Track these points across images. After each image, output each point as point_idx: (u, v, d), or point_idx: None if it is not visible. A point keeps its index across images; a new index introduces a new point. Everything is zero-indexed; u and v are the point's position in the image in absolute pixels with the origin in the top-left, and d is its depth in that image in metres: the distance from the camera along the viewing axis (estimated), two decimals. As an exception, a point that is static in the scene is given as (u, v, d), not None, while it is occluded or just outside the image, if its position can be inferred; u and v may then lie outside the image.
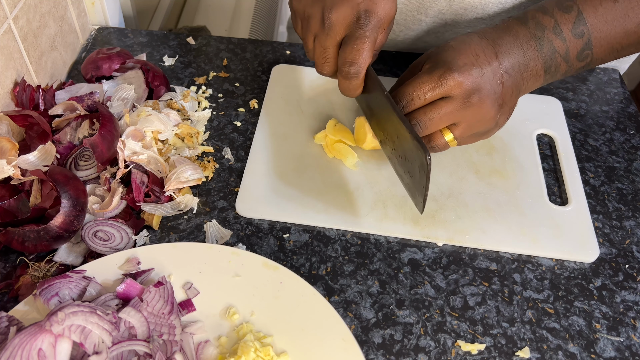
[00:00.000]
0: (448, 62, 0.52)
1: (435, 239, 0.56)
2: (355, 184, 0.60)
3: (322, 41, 0.54)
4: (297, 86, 0.70)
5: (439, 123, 0.53)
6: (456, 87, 0.51)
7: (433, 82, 0.51)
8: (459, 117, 0.53)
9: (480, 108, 0.52)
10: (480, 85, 0.52)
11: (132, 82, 0.66)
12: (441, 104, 0.52)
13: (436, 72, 0.52)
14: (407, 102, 0.52)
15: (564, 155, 0.65)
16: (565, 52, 0.55)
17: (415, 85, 0.52)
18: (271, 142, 0.64)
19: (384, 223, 0.57)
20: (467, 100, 0.52)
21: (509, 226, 0.58)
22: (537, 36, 0.54)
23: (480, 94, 0.52)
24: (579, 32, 0.54)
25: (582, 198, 0.60)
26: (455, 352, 0.49)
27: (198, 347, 0.47)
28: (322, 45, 0.54)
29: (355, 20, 0.53)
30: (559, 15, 0.55)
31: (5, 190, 0.54)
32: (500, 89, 0.53)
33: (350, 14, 0.53)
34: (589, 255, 0.56)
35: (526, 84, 0.56)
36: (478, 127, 0.54)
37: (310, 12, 0.54)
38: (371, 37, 0.52)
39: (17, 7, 0.60)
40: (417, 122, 0.53)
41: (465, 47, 0.53)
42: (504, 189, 0.61)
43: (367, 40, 0.52)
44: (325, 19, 0.53)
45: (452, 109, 0.52)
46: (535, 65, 0.55)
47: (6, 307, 0.50)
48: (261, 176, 0.61)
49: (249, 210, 0.58)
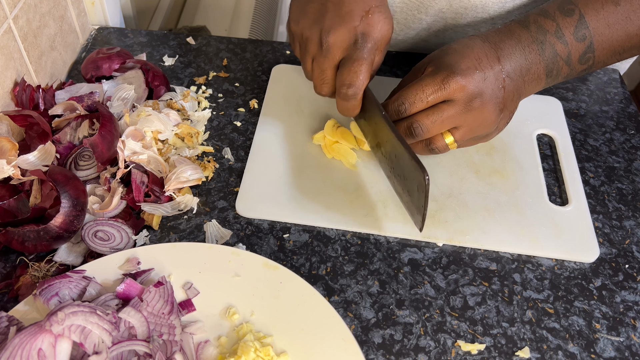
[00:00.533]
0: (451, 65, 0.52)
1: (435, 239, 0.56)
2: (355, 184, 0.60)
3: (320, 63, 0.55)
4: (297, 86, 0.70)
5: (441, 126, 0.53)
6: (459, 90, 0.51)
7: (436, 85, 0.51)
8: (461, 121, 0.53)
9: (481, 112, 0.53)
10: (483, 90, 0.52)
11: (132, 82, 0.66)
12: (443, 107, 0.52)
13: (439, 76, 0.52)
14: (409, 104, 0.52)
15: (564, 155, 0.65)
16: (567, 55, 0.55)
17: (418, 88, 0.52)
18: (271, 142, 0.64)
19: (384, 223, 0.57)
20: (469, 104, 0.52)
21: (509, 226, 0.58)
22: (539, 40, 0.54)
23: (482, 98, 0.52)
24: (580, 35, 0.54)
25: (582, 198, 0.60)
26: (455, 352, 0.49)
27: (198, 347, 0.47)
28: (320, 67, 0.55)
29: (353, 43, 0.54)
30: (560, 18, 0.55)
31: (5, 190, 0.54)
32: (502, 93, 0.53)
33: (347, 37, 0.54)
34: (589, 256, 0.56)
35: (527, 87, 0.56)
36: (479, 131, 0.55)
37: (308, 34, 0.55)
38: (368, 59, 0.53)
39: (17, 7, 0.60)
40: (419, 125, 0.53)
41: (468, 50, 0.53)
42: (504, 189, 0.61)
43: (364, 62, 0.53)
44: (323, 42, 0.54)
45: (454, 113, 0.52)
46: (537, 69, 0.55)
47: (6, 307, 0.50)
48: (261, 176, 0.61)
49: (249, 210, 0.58)
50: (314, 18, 0.55)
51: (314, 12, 0.55)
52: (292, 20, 0.58)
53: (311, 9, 0.55)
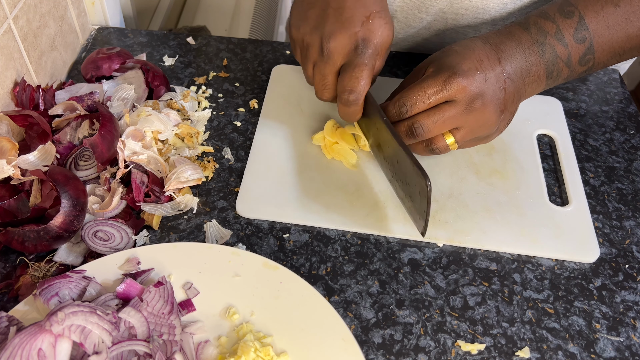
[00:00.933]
0: (453, 66, 0.52)
1: (435, 239, 0.56)
2: (355, 184, 0.60)
3: (321, 69, 0.55)
4: (297, 86, 0.70)
5: (442, 127, 0.53)
6: (460, 91, 0.51)
7: (437, 85, 0.52)
8: (462, 122, 0.53)
9: (483, 113, 0.53)
10: (484, 91, 0.52)
11: (132, 82, 0.66)
12: (444, 107, 0.52)
13: (441, 76, 0.52)
14: (410, 105, 0.53)
15: (564, 155, 0.65)
16: (567, 57, 0.55)
17: (420, 88, 0.52)
18: (271, 143, 0.64)
19: (385, 223, 0.57)
20: (470, 105, 0.52)
21: (510, 226, 0.58)
22: (539, 42, 0.54)
23: (483, 99, 0.52)
24: (580, 37, 0.54)
25: (583, 198, 0.60)
26: (455, 352, 0.49)
27: (198, 347, 0.47)
28: (321, 73, 0.56)
29: (354, 49, 0.54)
30: (560, 20, 0.55)
31: (5, 190, 0.54)
32: (503, 95, 0.53)
33: (348, 43, 0.54)
34: (590, 256, 0.56)
35: (528, 89, 0.56)
36: (479, 132, 0.55)
37: (309, 40, 0.55)
38: (369, 64, 0.54)
39: (17, 7, 0.60)
40: (420, 125, 0.53)
41: (469, 52, 0.53)
42: (504, 189, 0.61)
43: (365, 67, 0.53)
44: (324, 48, 0.54)
45: (455, 113, 0.52)
46: (537, 70, 0.55)
47: (6, 307, 0.50)
48: (261, 176, 0.61)
49: (249, 211, 0.58)
50: (315, 24, 0.55)
51: (314, 17, 0.55)
52: (293, 25, 0.58)
53: (312, 14, 0.56)
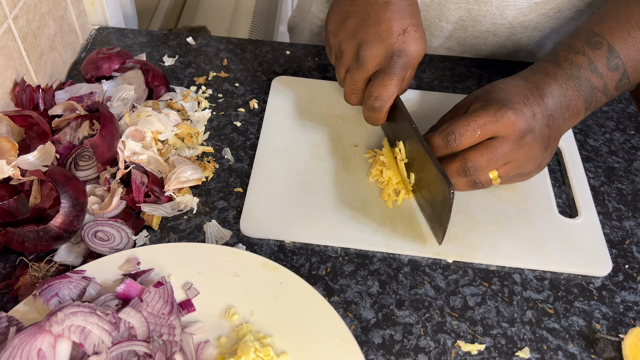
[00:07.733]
0: (502, 100, 0.52)
1: (446, 255, 0.55)
2: (361, 199, 0.59)
3: (353, 75, 0.57)
4: (298, 99, 0.69)
5: (495, 164, 0.53)
6: (510, 125, 0.51)
7: (489, 116, 0.51)
8: (512, 157, 0.53)
9: (532, 148, 0.53)
10: (533, 126, 0.52)
11: (132, 82, 0.66)
12: (495, 144, 0.52)
13: (491, 108, 0.52)
14: (459, 134, 0.52)
15: (571, 164, 0.64)
16: (604, 86, 0.56)
17: (471, 119, 0.52)
18: (274, 158, 0.63)
19: (393, 241, 0.56)
20: (521, 140, 0.52)
21: (519, 240, 0.56)
22: (574, 76, 0.55)
23: (533, 134, 0.52)
24: (614, 65, 0.55)
25: (592, 209, 0.59)
26: (455, 352, 0.49)
27: (198, 347, 0.47)
28: (352, 78, 0.57)
29: (388, 59, 0.55)
30: (590, 52, 0.55)
31: (5, 190, 0.54)
32: (547, 131, 0.54)
33: (383, 52, 0.55)
34: (602, 269, 0.55)
35: (567, 123, 0.56)
36: (525, 167, 0.55)
37: (345, 47, 0.57)
38: (400, 75, 0.55)
39: (17, 7, 0.60)
40: (474, 164, 0.52)
41: (514, 88, 0.54)
42: (512, 202, 0.60)
43: (395, 77, 0.55)
44: (359, 55, 0.56)
45: (507, 150, 0.52)
46: (576, 104, 0.55)
47: (6, 307, 0.50)
48: (265, 194, 0.59)
49: (255, 230, 0.56)
50: (353, 32, 0.57)
51: (353, 26, 0.57)
52: (330, 32, 0.59)
53: (351, 23, 0.57)
